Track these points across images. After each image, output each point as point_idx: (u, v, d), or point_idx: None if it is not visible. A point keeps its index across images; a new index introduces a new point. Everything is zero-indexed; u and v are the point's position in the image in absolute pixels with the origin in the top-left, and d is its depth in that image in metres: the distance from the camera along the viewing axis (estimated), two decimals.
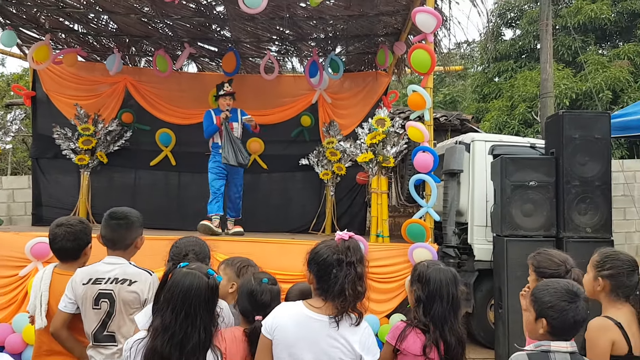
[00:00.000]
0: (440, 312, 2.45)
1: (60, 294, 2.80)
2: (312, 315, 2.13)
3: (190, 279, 1.95)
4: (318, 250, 2.22)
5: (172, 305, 1.91)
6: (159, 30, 7.24)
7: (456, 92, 20.21)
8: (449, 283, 2.50)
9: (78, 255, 2.94)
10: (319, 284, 2.18)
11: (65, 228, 2.90)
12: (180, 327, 1.90)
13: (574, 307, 2.19)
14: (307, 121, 7.86)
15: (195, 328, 1.91)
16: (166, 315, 1.90)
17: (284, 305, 2.23)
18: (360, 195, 7.84)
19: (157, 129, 7.80)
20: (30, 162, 13.24)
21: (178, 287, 1.93)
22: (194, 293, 1.93)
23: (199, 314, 1.93)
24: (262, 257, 5.34)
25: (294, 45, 7.69)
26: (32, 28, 7.15)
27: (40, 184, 7.74)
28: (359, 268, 2.17)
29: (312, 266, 2.22)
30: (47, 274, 2.89)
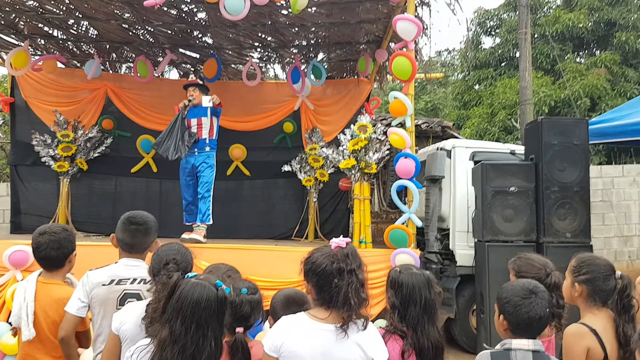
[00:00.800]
0: (416, 317, 2.42)
1: (46, 303, 2.76)
2: (319, 327, 2.06)
3: (200, 290, 1.90)
4: (315, 260, 2.13)
5: (182, 317, 1.86)
6: (140, 37, 7.21)
7: (437, 99, 20.39)
8: (422, 287, 2.46)
9: (63, 263, 2.90)
10: (319, 294, 2.11)
11: (48, 236, 2.84)
12: (192, 339, 1.85)
13: (527, 302, 2.20)
14: (289, 128, 7.87)
15: (207, 340, 1.87)
16: (176, 326, 1.85)
17: (286, 320, 2.12)
18: (343, 201, 7.86)
19: (138, 135, 7.72)
20: (8, 170, 13.03)
21: (187, 299, 1.88)
22: (204, 305, 1.88)
23: (210, 325, 1.89)
24: (246, 264, 5.31)
25: (276, 52, 7.71)
26: (11, 34, 7.06)
27: (19, 192, 7.61)
28: (360, 275, 2.12)
29: (310, 277, 2.14)
30: (30, 283, 2.84)
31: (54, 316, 2.78)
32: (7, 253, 5.00)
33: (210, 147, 6.15)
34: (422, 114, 18.20)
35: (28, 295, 2.78)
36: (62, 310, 2.75)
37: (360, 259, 2.17)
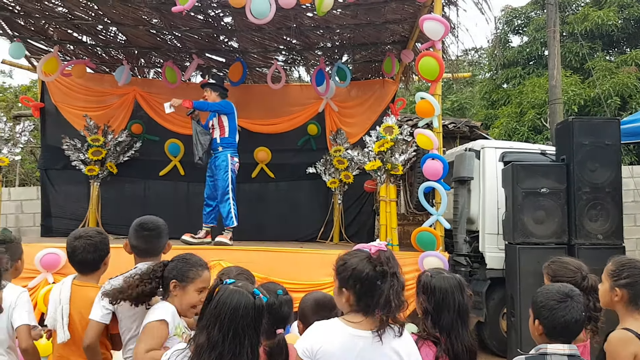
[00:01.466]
0: (449, 321, 2.37)
1: (81, 306, 2.78)
2: (355, 333, 2.00)
3: (238, 297, 1.87)
4: (355, 266, 2.03)
5: (220, 324, 1.83)
6: (168, 42, 7.29)
7: (464, 98, 20.15)
8: (454, 291, 2.41)
9: (98, 266, 2.92)
10: (362, 300, 2.03)
11: (84, 240, 2.86)
12: (229, 347, 1.83)
13: (563, 306, 2.18)
14: (313, 130, 7.86)
15: (244, 348, 1.84)
16: (213, 333, 1.83)
17: (321, 325, 2.07)
18: (368, 203, 7.82)
19: (166, 139, 7.82)
20: (38, 173, 13.34)
21: (226, 305, 1.86)
22: (242, 312, 1.85)
23: (247, 333, 1.85)
24: (271, 266, 5.36)
25: (300, 55, 7.72)
26: (41, 40, 7.21)
27: (49, 195, 7.76)
28: (401, 277, 2.07)
29: (351, 283, 2.04)
30: (66, 286, 2.86)
31: (88, 318, 2.80)
32: (39, 256, 5.09)
33: (222, 147, 6.05)
34: (449, 114, 18.02)
35: (63, 297, 2.81)
36: None
37: (398, 262, 2.11)
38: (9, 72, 19.72)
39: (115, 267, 3.08)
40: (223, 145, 6.05)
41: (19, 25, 6.87)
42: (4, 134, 5.66)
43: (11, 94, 16.81)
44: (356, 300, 2.03)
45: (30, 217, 10.20)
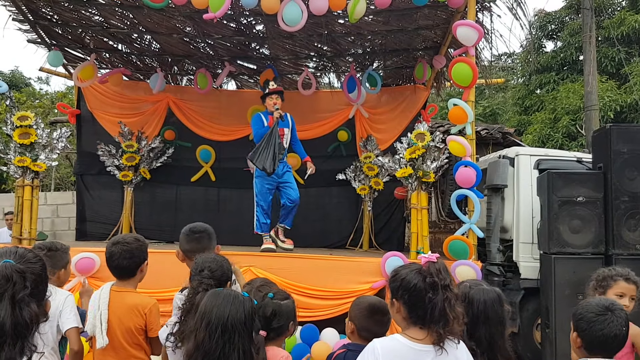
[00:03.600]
0: (487, 334, 2.33)
1: (119, 312, 2.83)
2: (418, 348, 1.98)
3: (229, 305, 1.92)
4: (405, 277, 2.05)
5: (209, 328, 1.87)
6: (200, 50, 7.39)
7: (496, 104, 19.87)
8: (494, 303, 2.38)
9: (134, 272, 2.97)
10: (412, 311, 2.03)
11: (121, 246, 2.91)
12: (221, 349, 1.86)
13: (602, 319, 2.15)
14: (344, 136, 7.85)
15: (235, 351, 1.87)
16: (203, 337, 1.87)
17: (383, 342, 2.05)
18: (399, 210, 7.75)
19: (197, 145, 7.90)
20: (73, 178, 13.65)
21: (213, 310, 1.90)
22: (235, 318, 1.89)
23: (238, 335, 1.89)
24: (300, 272, 5.34)
25: (331, 61, 7.71)
26: (78, 48, 7.39)
27: (85, 200, 7.92)
28: (455, 289, 2.07)
29: (400, 294, 2.06)
30: (104, 292, 2.92)
31: (127, 323, 2.85)
32: (74, 260, 5.17)
33: (286, 157, 6.23)
34: (481, 120, 17.78)
35: (102, 303, 2.86)
36: (136, 318, 2.84)
37: (450, 275, 2.09)
38: (45, 79, 20.35)
39: (151, 270, 3.13)
40: (286, 155, 6.22)
41: (56, 34, 7.05)
42: (42, 140, 5.78)
43: (48, 100, 17.28)
44: (407, 311, 2.03)
45: (66, 221, 10.45)
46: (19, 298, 1.36)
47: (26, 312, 1.36)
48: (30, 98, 16.96)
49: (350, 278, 5.47)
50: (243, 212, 7.64)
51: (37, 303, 1.42)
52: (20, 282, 1.38)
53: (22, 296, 1.37)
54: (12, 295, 1.35)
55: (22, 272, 1.39)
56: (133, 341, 2.85)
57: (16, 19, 6.57)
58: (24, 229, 5.81)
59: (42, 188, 12.16)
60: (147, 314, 2.86)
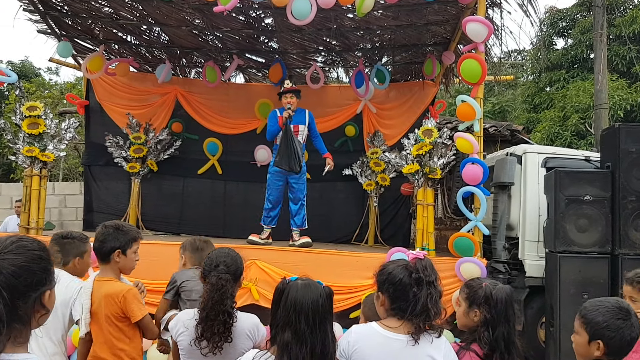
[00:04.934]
0: (506, 333, 2.35)
1: (99, 301, 2.85)
2: (390, 336, 2.07)
3: (314, 290, 1.99)
4: (391, 271, 2.14)
5: (305, 318, 1.93)
6: (209, 42, 7.39)
7: (505, 101, 19.75)
8: (512, 303, 2.43)
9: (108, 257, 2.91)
10: (394, 304, 2.11)
11: (101, 228, 2.94)
12: (319, 337, 1.93)
13: (629, 324, 2.16)
14: (351, 131, 7.83)
15: (328, 336, 1.94)
16: (299, 327, 1.92)
17: (357, 328, 2.17)
18: (405, 206, 7.73)
19: (205, 138, 7.91)
20: (81, 169, 13.71)
21: (306, 299, 1.96)
22: (321, 302, 1.97)
23: (328, 321, 1.97)
24: (305, 266, 5.35)
25: (340, 56, 7.70)
26: (87, 39, 7.41)
27: (92, 191, 7.96)
28: (439, 287, 2.15)
29: (385, 287, 2.15)
30: (89, 282, 2.93)
31: (106, 312, 2.85)
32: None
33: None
34: (489, 117, 17.69)
35: (86, 293, 2.88)
36: (112, 306, 2.84)
37: (436, 272, 2.17)
38: (55, 70, 20.44)
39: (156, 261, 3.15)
40: (303, 152, 6.28)
41: (66, 25, 7.07)
42: (50, 130, 5.82)
43: (57, 90, 17.35)
44: (390, 303, 2.11)
45: (73, 211, 10.50)
46: None
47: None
48: (40, 88, 17.04)
49: (354, 273, 5.48)
50: (249, 205, 7.67)
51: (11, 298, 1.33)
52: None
53: None
54: None
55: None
56: (115, 330, 2.86)
57: (27, 9, 6.61)
58: (32, 219, 5.86)
59: (50, 178, 12.24)
60: (121, 302, 2.84)
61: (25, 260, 1.39)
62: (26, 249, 1.41)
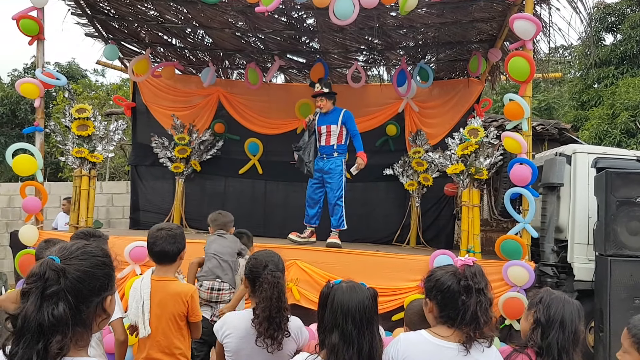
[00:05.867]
0: (560, 340, 2.31)
1: (162, 300, 2.91)
2: (441, 344, 2.04)
3: (359, 292, 2.02)
4: (439, 278, 2.13)
5: (352, 319, 1.96)
6: (251, 44, 7.45)
7: (552, 98, 19.20)
8: (572, 313, 2.36)
9: (175, 258, 3.03)
10: (443, 311, 2.10)
11: (165, 232, 3.00)
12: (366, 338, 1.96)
13: None
14: (392, 130, 7.74)
15: (376, 337, 1.98)
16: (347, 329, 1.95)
17: (407, 335, 2.15)
18: (448, 207, 7.60)
19: (246, 138, 7.99)
20: (127, 168, 14.05)
21: (352, 301, 1.99)
22: (367, 303, 1.99)
23: (375, 321, 2.01)
24: (345, 267, 5.33)
25: (382, 54, 7.62)
26: (133, 42, 7.58)
27: (138, 190, 8.17)
28: (489, 294, 2.12)
29: (433, 294, 2.13)
30: (145, 282, 2.99)
31: (170, 311, 2.91)
32: (128, 249, 5.34)
33: (338, 153, 6.21)
34: (536, 114, 17.22)
35: (144, 293, 2.93)
36: (179, 305, 2.91)
37: (486, 278, 2.15)
38: (101, 71, 21.03)
39: None
40: (338, 152, 6.23)
41: (113, 28, 7.25)
42: (99, 132, 5.97)
43: (103, 92, 17.83)
44: (439, 311, 2.10)
45: (120, 210, 10.77)
46: (48, 294, 1.33)
47: (54, 311, 1.32)
48: (87, 89, 17.53)
49: (397, 275, 5.43)
50: (289, 204, 7.71)
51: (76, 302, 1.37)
52: (54, 279, 1.35)
53: (52, 293, 1.33)
54: (41, 292, 1.33)
55: (59, 270, 1.36)
56: (176, 328, 2.93)
57: (74, 13, 6.79)
58: (81, 217, 6.04)
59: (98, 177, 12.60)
60: (189, 302, 2.94)
61: (90, 266, 1.43)
62: (91, 255, 1.45)
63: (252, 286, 2.69)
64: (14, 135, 18.79)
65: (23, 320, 1.30)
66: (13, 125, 19.29)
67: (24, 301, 1.32)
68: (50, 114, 12.97)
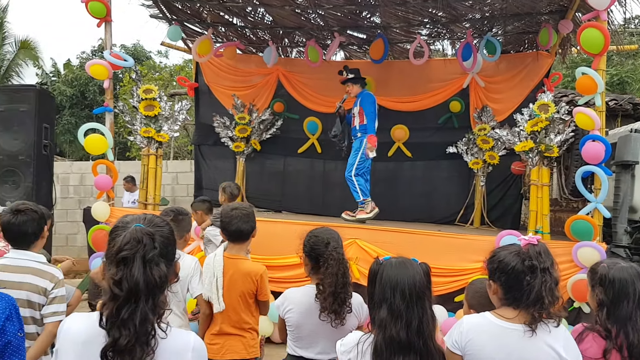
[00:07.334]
0: (625, 312, 2.24)
1: (233, 277, 2.97)
2: (506, 326, 1.98)
3: (409, 268, 1.97)
4: (503, 259, 2.05)
5: (401, 294, 1.92)
6: (311, 21, 7.39)
7: (625, 72, 18.09)
8: (634, 280, 2.28)
9: (248, 237, 3.10)
10: (508, 293, 2.03)
11: (240, 211, 3.06)
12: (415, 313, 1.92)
13: None
14: (456, 107, 7.51)
15: (426, 313, 1.94)
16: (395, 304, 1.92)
17: (471, 318, 2.10)
18: (515, 186, 7.33)
19: (305, 117, 7.99)
20: (190, 148, 14.42)
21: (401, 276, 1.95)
22: (418, 279, 1.95)
23: (427, 297, 1.96)
24: (407, 248, 5.23)
25: (446, 28, 7.37)
26: (196, 23, 7.68)
27: (201, 169, 8.38)
28: (554, 273, 2.03)
29: (497, 275, 2.07)
30: (218, 258, 3.05)
31: (241, 289, 2.98)
32: (193, 225, 5.46)
33: (361, 133, 6.29)
34: (608, 89, 16.24)
35: (217, 270, 3.00)
36: (249, 284, 2.97)
37: (552, 257, 2.06)
38: (165, 53, 21.55)
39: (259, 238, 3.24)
40: (361, 132, 6.31)
41: (176, 9, 7.36)
42: (165, 112, 6.11)
43: (166, 73, 18.28)
44: (504, 293, 2.04)
45: (184, 188, 11.09)
46: (148, 258, 1.48)
47: (156, 272, 1.47)
48: (151, 71, 18.06)
49: (461, 256, 5.33)
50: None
51: (167, 264, 1.53)
52: (149, 243, 1.49)
53: (152, 256, 1.48)
54: (142, 256, 1.47)
55: (151, 235, 1.51)
56: (245, 305, 3.00)
57: None
58: (149, 195, 6.24)
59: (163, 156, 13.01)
60: (258, 281, 2.99)
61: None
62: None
63: (313, 263, 2.70)
64: (83, 115, 19.68)
65: (131, 283, 1.44)
66: (82, 106, 20.19)
67: (124, 267, 1.46)
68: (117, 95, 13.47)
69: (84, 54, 22.18)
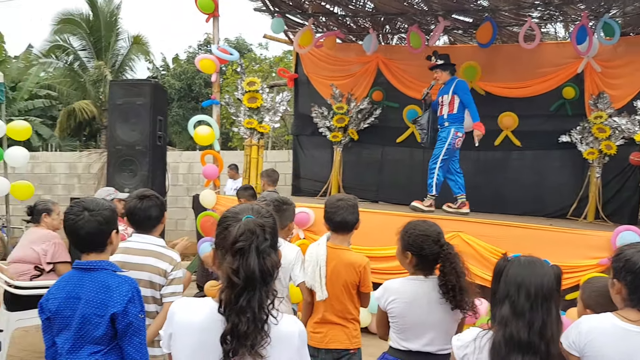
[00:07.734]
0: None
1: (337, 268, 2.98)
2: (631, 329, 1.91)
3: (539, 268, 1.90)
4: (630, 257, 1.96)
5: (527, 293, 1.87)
6: (414, 6, 7.21)
7: None
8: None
9: (352, 228, 3.09)
10: (634, 294, 1.94)
11: (345, 202, 3.06)
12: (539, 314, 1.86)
13: None
14: (570, 93, 7.02)
15: (552, 316, 1.86)
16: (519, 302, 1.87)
17: (590, 319, 2.01)
18: (634, 178, 6.74)
19: (405, 105, 7.82)
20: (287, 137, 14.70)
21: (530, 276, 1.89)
22: (547, 280, 1.88)
23: (554, 301, 1.89)
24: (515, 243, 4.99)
25: (559, 10, 6.88)
26: (297, 14, 7.76)
27: (299, 159, 8.52)
28: None
29: (622, 275, 1.98)
30: (321, 248, 3.08)
31: (344, 279, 2.98)
32: None
33: (449, 122, 6.13)
34: None
35: (320, 259, 3.02)
36: (352, 275, 2.97)
37: None
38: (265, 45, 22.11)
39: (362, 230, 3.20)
40: (449, 121, 6.16)
41: (279, 1, 7.50)
42: (267, 104, 6.25)
43: (266, 64, 18.75)
44: (628, 293, 1.96)
45: (282, 178, 11.28)
46: (262, 249, 1.54)
47: (268, 261, 1.53)
48: (252, 63, 18.59)
49: (574, 252, 5.03)
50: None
51: (275, 253, 1.59)
52: (261, 234, 1.55)
53: (265, 247, 1.55)
54: (256, 247, 1.53)
55: (262, 226, 1.57)
56: (347, 295, 3.00)
57: None
58: (251, 184, 6.43)
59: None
60: (361, 272, 2.98)
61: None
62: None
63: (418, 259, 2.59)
64: (190, 107, 20.73)
65: (248, 272, 1.51)
66: (189, 99, 21.27)
67: (240, 257, 1.52)
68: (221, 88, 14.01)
69: (190, 48, 23.27)
